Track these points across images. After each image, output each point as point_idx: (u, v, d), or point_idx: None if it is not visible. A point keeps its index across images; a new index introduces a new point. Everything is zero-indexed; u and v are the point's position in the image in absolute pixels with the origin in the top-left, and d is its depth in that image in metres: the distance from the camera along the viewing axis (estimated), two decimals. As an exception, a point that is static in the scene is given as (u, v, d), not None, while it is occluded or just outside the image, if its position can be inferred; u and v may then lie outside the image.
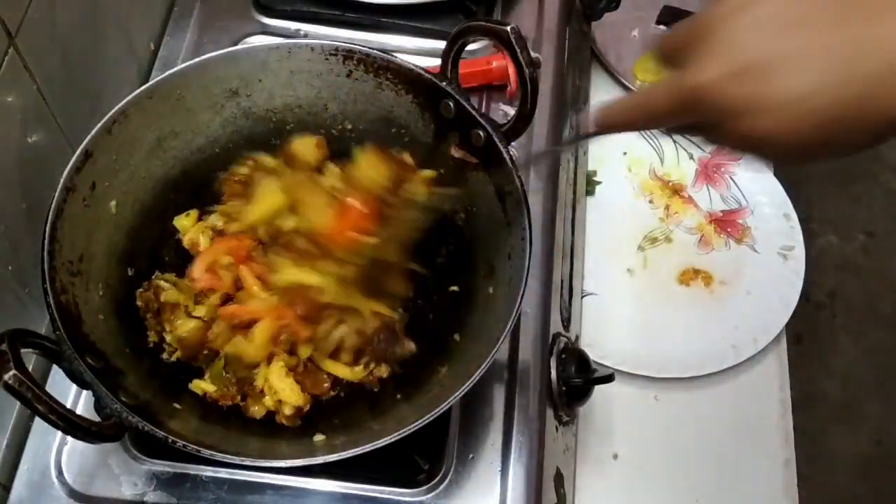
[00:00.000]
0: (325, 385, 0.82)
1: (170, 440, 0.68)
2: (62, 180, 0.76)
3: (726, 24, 0.51)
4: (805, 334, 2.19)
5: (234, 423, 0.80)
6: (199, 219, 0.89)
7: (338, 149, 0.92)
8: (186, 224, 0.89)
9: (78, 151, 0.78)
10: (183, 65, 0.85)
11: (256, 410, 0.81)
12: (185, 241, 0.88)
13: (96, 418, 0.68)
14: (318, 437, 0.79)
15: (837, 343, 2.24)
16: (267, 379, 0.80)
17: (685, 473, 1.04)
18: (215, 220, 0.88)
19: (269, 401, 0.81)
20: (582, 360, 0.91)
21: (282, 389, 0.80)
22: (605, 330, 1.11)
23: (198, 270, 0.85)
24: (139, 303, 0.84)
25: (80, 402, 0.85)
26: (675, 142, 1.27)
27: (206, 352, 0.82)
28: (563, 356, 0.92)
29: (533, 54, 0.80)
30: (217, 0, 1.13)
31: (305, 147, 0.88)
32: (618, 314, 1.13)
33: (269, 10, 1.12)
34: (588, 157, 1.23)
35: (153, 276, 0.86)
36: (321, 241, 0.79)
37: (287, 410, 0.80)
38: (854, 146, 0.51)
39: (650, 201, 1.24)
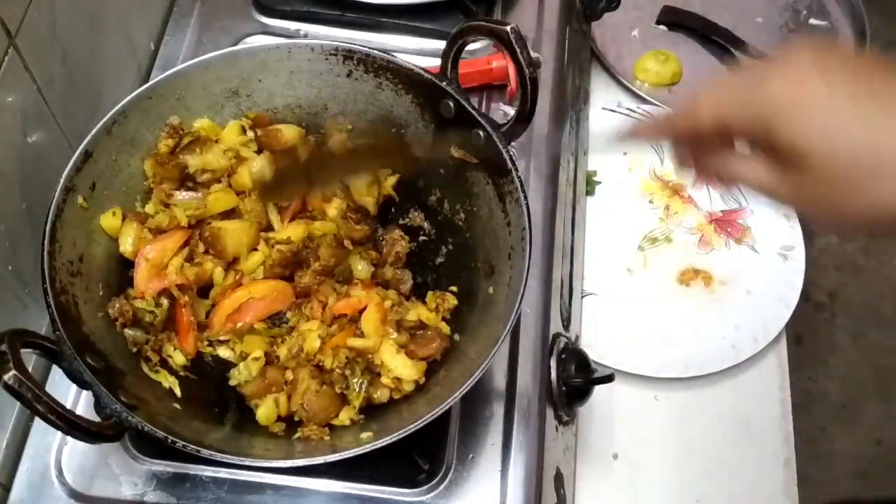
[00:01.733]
0: (435, 345, 0.82)
1: (170, 440, 0.68)
2: (62, 180, 0.76)
3: (805, 61, 0.56)
4: (805, 334, 2.19)
5: (234, 424, 0.80)
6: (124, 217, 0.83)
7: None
8: (115, 224, 0.82)
9: (78, 151, 0.78)
10: (183, 65, 0.85)
11: (380, 396, 0.81)
12: (127, 251, 0.82)
13: (96, 418, 0.68)
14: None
15: (837, 343, 2.24)
16: (382, 362, 0.81)
17: (685, 473, 1.04)
18: (161, 219, 0.83)
19: (386, 380, 0.80)
20: (582, 360, 0.91)
21: (396, 367, 0.80)
22: (605, 330, 1.11)
23: (143, 281, 0.81)
24: (112, 313, 0.79)
25: (80, 402, 0.85)
26: (675, 142, 1.27)
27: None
28: (563, 356, 0.92)
29: (533, 54, 0.80)
30: (217, 0, 1.14)
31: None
32: (618, 314, 1.13)
33: (269, 10, 1.12)
34: (588, 157, 1.23)
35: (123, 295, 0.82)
36: None
37: (407, 387, 0.81)
38: (861, 207, 0.54)
39: (650, 201, 1.24)
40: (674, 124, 0.64)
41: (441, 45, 0.83)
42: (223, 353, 0.84)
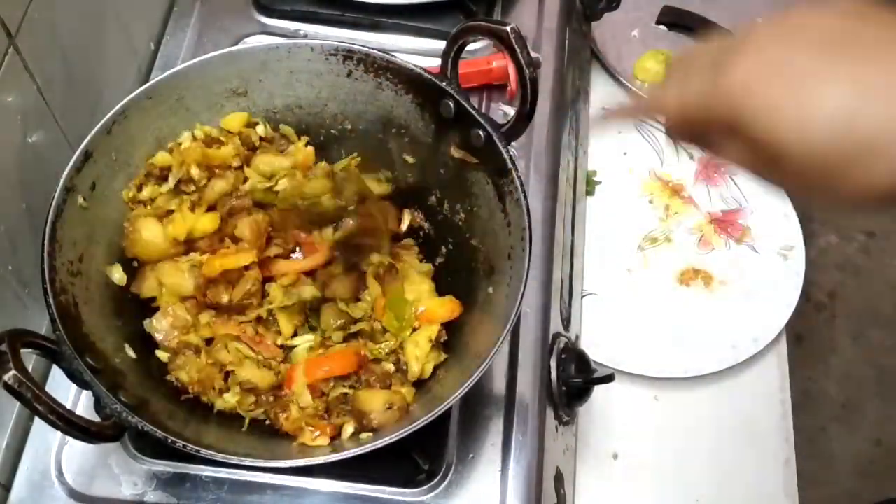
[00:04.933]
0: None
1: (170, 440, 0.68)
2: (62, 180, 0.76)
3: (766, 34, 0.50)
4: (805, 334, 2.19)
5: (233, 424, 0.80)
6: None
7: (337, 149, 0.92)
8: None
9: (78, 151, 0.78)
10: (183, 65, 0.85)
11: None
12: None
13: (96, 418, 0.68)
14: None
15: (837, 343, 2.24)
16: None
17: (685, 473, 1.04)
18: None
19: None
20: (582, 360, 0.91)
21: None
22: (605, 330, 1.11)
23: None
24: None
25: (80, 402, 0.85)
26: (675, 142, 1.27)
27: None
28: (563, 356, 0.92)
29: (533, 54, 0.80)
30: (217, 0, 1.14)
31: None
32: (618, 314, 1.13)
33: (269, 10, 1.12)
34: (588, 157, 1.23)
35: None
36: None
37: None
38: (855, 194, 0.49)
39: (650, 201, 1.24)
40: (650, 111, 0.59)
41: (441, 45, 0.83)
42: None
